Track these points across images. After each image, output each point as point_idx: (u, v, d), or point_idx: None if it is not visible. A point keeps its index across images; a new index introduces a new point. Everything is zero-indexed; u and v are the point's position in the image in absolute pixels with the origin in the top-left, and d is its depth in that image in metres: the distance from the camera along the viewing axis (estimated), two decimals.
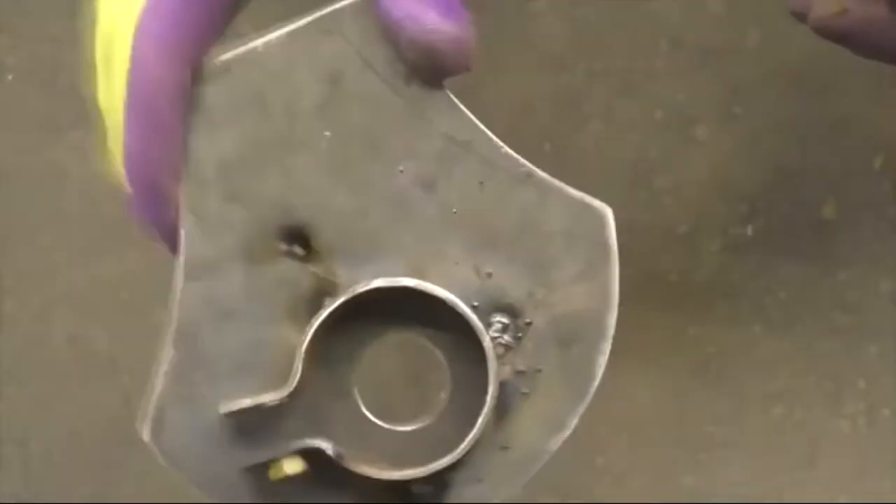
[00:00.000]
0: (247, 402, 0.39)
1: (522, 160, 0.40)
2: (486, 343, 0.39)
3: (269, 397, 0.39)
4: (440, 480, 0.40)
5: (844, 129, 0.64)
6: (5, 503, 0.66)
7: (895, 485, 0.64)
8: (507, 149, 0.40)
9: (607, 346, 0.40)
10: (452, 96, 0.40)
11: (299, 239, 0.40)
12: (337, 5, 0.39)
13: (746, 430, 0.65)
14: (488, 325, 0.40)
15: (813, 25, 0.46)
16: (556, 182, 0.40)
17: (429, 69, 0.39)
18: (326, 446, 0.39)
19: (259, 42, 0.39)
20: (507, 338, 0.40)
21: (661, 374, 0.65)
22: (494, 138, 0.40)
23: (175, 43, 0.37)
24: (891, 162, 0.64)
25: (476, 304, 0.40)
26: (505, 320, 0.40)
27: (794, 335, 0.65)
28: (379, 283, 0.39)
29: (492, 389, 0.39)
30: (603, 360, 0.40)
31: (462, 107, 0.40)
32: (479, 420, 0.39)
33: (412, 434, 0.41)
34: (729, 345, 0.65)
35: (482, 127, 0.40)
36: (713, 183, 0.65)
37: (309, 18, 0.39)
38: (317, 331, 0.39)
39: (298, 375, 0.39)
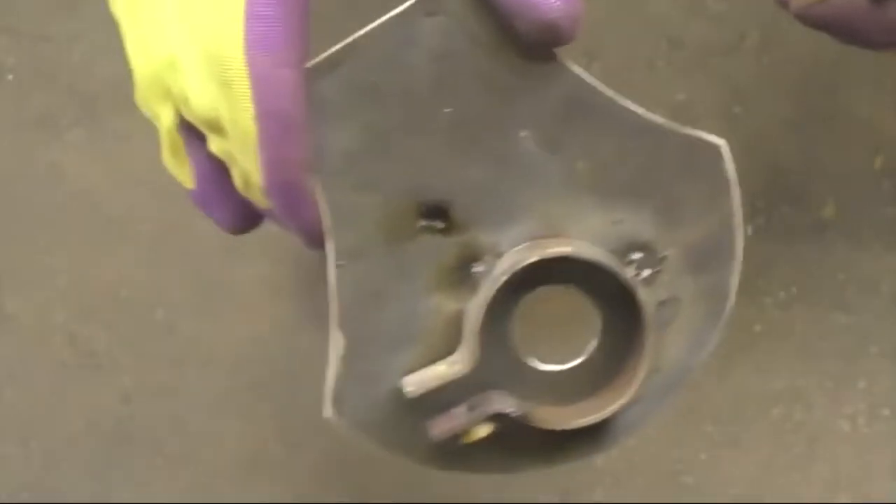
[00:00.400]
0: (433, 383, 0.41)
1: (638, 108, 0.41)
2: (642, 305, 0.41)
3: (452, 374, 0.41)
4: None
5: (844, 129, 0.64)
6: (5, 503, 0.66)
7: (895, 485, 0.64)
8: (622, 99, 0.41)
9: (738, 267, 0.42)
10: (562, 58, 0.40)
11: (437, 214, 0.41)
12: None
13: (746, 430, 0.65)
14: (627, 263, 0.42)
15: (794, 12, 0.47)
16: (672, 123, 0.41)
17: (546, 44, 0.39)
18: (511, 409, 0.41)
19: (363, 32, 0.40)
20: (645, 273, 0.42)
21: None
22: (609, 91, 0.41)
23: (286, 45, 0.38)
24: (891, 162, 0.64)
25: (612, 249, 0.41)
26: (641, 257, 0.42)
27: (794, 335, 0.65)
28: (537, 256, 0.40)
29: (647, 351, 0.41)
30: (735, 281, 0.43)
31: (573, 65, 0.41)
32: (639, 367, 0.41)
33: (562, 374, 0.42)
34: (729, 345, 0.65)
35: (595, 82, 0.41)
36: None
37: (410, 2, 0.40)
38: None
39: (478, 352, 0.41)
